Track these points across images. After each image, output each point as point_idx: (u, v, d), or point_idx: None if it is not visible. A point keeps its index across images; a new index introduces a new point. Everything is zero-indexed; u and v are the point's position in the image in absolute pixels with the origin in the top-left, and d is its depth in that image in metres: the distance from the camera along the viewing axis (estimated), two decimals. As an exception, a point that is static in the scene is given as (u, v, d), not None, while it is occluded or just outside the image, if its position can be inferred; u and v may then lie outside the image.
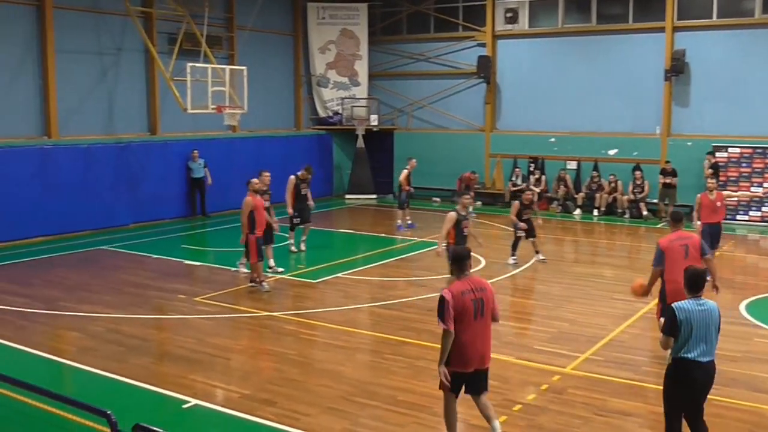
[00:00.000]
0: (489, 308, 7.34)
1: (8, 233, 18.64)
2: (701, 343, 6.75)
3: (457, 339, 7.19)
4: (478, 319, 7.25)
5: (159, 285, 14.82)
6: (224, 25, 25.09)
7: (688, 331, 6.73)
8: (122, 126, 22.17)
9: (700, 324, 6.75)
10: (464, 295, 7.18)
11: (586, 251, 19.10)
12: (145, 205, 21.96)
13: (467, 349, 7.24)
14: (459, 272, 7.40)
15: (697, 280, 6.93)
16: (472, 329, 7.21)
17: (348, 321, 12.47)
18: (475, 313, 7.21)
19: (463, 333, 7.18)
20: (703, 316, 6.78)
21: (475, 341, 7.26)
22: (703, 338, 6.75)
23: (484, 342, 7.36)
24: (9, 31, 19.28)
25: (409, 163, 21.72)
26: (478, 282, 7.40)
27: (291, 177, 17.72)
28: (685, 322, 6.73)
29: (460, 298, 7.15)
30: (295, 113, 28.73)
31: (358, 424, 8.30)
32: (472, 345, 7.25)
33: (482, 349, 7.35)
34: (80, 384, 9.90)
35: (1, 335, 11.51)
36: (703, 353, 6.75)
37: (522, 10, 26.10)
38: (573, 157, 25.19)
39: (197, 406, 8.86)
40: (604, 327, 11.97)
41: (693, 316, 6.74)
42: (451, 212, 13.13)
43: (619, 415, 8.54)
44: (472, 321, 7.20)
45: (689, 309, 6.79)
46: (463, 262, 7.41)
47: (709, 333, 6.78)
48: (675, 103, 23.72)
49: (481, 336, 7.31)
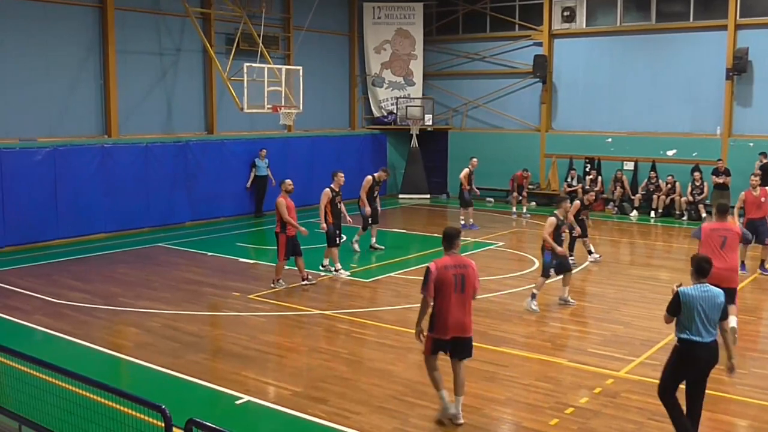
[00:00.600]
0: (470, 284, 8.15)
1: (70, 230, 19.13)
2: (704, 325, 7.34)
3: (439, 308, 8.10)
4: (458, 293, 8.06)
5: (214, 282, 15.02)
6: (281, 26, 25.33)
7: (691, 314, 7.34)
8: (180, 125, 22.53)
9: (703, 308, 7.33)
10: (447, 269, 8.05)
11: (642, 253, 18.79)
12: (202, 203, 22.29)
13: (446, 318, 8.07)
14: (448, 248, 8.27)
15: (702, 268, 7.50)
16: (452, 301, 8.05)
17: (399, 320, 12.48)
18: (456, 286, 8.04)
19: (443, 303, 8.06)
20: (707, 300, 7.35)
21: (454, 312, 8.08)
22: (705, 320, 7.33)
23: (463, 313, 8.14)
24: (71, 31, 19.75)
25: (470, 162, 21.69)
26: (463, 260, 8.26)
27: (368, 177, 17.91)
28: (686, 305, 7.36)
29: (443, 271, 8.05)
30: (349, 113, 28.85)
31: (408, 424, 8.30)
32: (451, 315, 8.07)
33: (461, 319, 8.13)
34: (136, 378, 10.09)
35: (63, 330, 11.81)
36: (706, 334, 7.36)
37: (579, 9, 25.80)
38: (630, 157, 24.82)
39: (250, 402, 8.96)
40: (659, 331, 11.73)
41: (696, 300, 7.34)
42: (551, 217, 13.11)
43: (673, 420, 8.39)
44: (453, 293, 8.04)
45: (692, 294, 7.39)
46: (452, 240, 8.28)
47: (712, 316, 7.36)
48: (736, 102, 23.20)
49: (460, 307, 8.11)
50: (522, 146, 26.82)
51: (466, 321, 8.20)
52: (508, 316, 12.62)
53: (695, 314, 7.33)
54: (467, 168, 21.43)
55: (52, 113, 19.53)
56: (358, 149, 27.69)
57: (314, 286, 14.53)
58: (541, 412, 8.60)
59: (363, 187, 17.76)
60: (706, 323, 7.35)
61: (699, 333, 7.36)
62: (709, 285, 7.49)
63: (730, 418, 8.51)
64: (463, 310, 8.14)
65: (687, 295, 7.40)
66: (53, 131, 19.46)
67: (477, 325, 11.83)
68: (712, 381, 9.55)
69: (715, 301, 7.39)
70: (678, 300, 7.43)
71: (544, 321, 12.65)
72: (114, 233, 19.97)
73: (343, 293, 14.32)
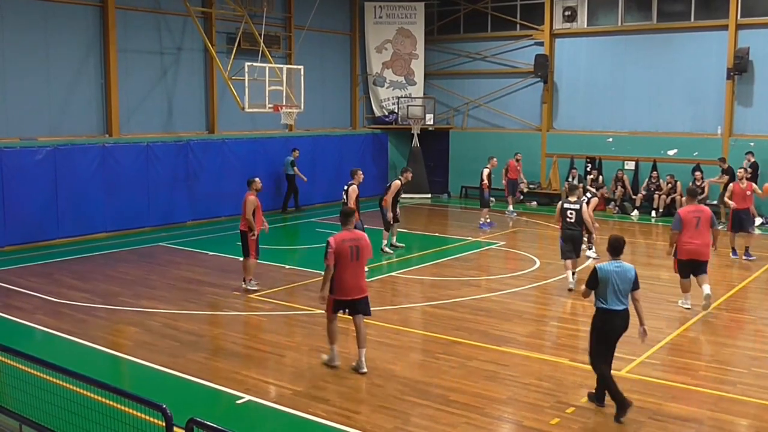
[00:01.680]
0: (363, 254, 9.76)
1: (71, 229, 19.13)
2: (617, 296, 8.39)
3: (338, 275, 9.62)
4: (354, 261, 9.65)
5: (214, 281, 15.03)
6: (282, 25, 25.32)
7: (606, 286, 8.37)
8: (181, 124, 22.53)
9: (616, 281, 8.37)
10: (344, 242, 9.62)
11: (643, 253, 18.77)
12: (203, 202, 22.28)
13: (345, 282, 9.66)
14: (344, 225, 9.88)
15: (616, 246, 8.62)
16: (349, 268, 9.62)
17: (400, 320, 12.48)
18: (351, 256, 9.62)
19: (342, 270, 9.60)
20: (620, 274, 8.40)
21: (351, 277, 9.68)
22: (618, 292, 8.39)
23: (358, 278, 9.79)
24: (72, 30, 19.74)
25: (489, 162, 21.72)
26: (357, 234, 9.83)
27: (396, 182, 18.22)
28: (603, 280, 8.39)
29: (341, 244, 9.58)
30: (351, 112, 28.85)
31: (409, 423, 8.30)
32: (349, 279, 9.67)
33: (357, 283, 9.78)
34: (137, 378, 10.09)
35: (63, 329, 11.81)
36: (619, 304, 8.41)
37: (581, 8, 25.78)
38: (631, 157, 24.81)
39: (250, 401, 8.96)
40: (660, 330, 11.75)
41: (611, 275, 8.39)
42: (560, 202, 14.82)
43: (674, 420, 8.38)
44: (349, 262, 9.61)
45: (608, 269, 8.45)
46: (347, 217, 9.90)
47: (624, 288, 8.40)
48: (737, 102, 23.18)
49: (356, 273, 9.74)
50: (523, 146, 26.75)
51: (361, 284, 9.84)
52: (509, 316, 12.61)
53: (610, 286, 8.36)
54: (487, 168, 21.41)
55: (53, 112, 19.53)
56: (360, 149, 27.70)
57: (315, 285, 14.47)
58: (542, 412, 8.60)
59: (390, 191, 17.97)
60: (619, 294, 8.39)
61: (613, 302, 8.38)
62: (621, 261, 8.55)
63: (731, 417, 8.50)
64: (358, 275, 9.79)
65: (603, 270, 8.44)
66: (54, 130, 19.46)
67: (478, 325, 11.90)
68: (711, 380, 9.62)
69: (627, 276, 8.43)
70: (596, 275, 8.45)
71: (545, 321, 12.65)
72: (114, 232, 19.97)
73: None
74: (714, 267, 16.81)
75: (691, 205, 12.95)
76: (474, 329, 11.70)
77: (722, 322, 12.53)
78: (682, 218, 12.57)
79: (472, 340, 11.17)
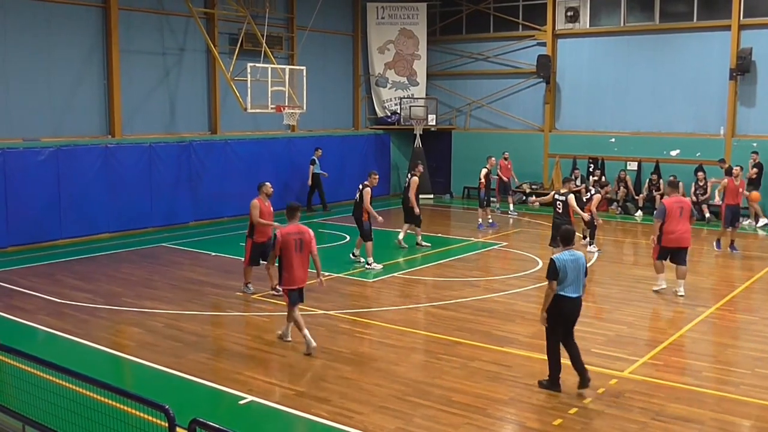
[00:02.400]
0: (306, 246, 10.63)
1: (74, 229, 19.15)
2: (572, 284, 8.93)
3: (286, 266, 10.58)
4: (299, 253, 10.56)
5: (217, 282, 15.03)
6: (284, 26, 25.33)
7: (564, 275, 8.88)
8: (184, 125, 22.55)
9: (572, 269, 8.89)
10: (290, 235, 10.52)
11: (645, 254, 18.73)
12: (206, 203, 22.29)
13: (293, 272, 10.60)
14: (289, 219, 10.78)
15: (567, 237, 9.22)
16: (294, 259, 10.54)
17: (403, 320, 12.48)
18: (296, 248, 10.53)
19: (288, 261, 10.55)
20: (574, 263, 8.94)
21: (297, 268, 10.60)
22: (574, 280, 8.93)
23: (304, 268, 10.72)
24: (75, 31, 19.76)
25: (488, 162, 21.76)
26: (300, 228, 10.69)
27: (414, 179, 18.45)
28: (562, 269, 8.86)
29: (286, 237, 10.50)
30: (353, 113, 28.86)
31: (411, 424, 8.29)
32: (295, 270, 10.60)
33: (303, 273, 10.72)
34: (139, 378, 10.11)
35: (65, 329, 11.82)
36: (574, 291, 8.95)
37: (583, 9, 25.78)
38: (634, 157, 24.80)
39: (253, 402, 8.96)
40: (663, 331, 11.76)
41: (567, 264, 8.90)
42: (552, 192, 16.32)
43: (677, 420, 8.37)
44: (294, 253, 10.52)
45: (564, 259, 8.95)
46: (293, 212, 10.82)
47: (578, 276, 8.96)
48: (740, 103, 23.16)
49: (301, 264, 10.66)
50: (525, 146, 26.81)
51: (305, 275, 10.79)
52: (511, 317, 12.61)
53: (570, 275, 8.89)
54: (485, 168, 21.46)
55: (56, 113, 19.55)
56: (362, 149, 27.71)
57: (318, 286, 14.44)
58: (545, 413, 8.60)
59: (412, 189, 18.29)
60: (575, 282, 8.94)
61: (570, 290, 8.92)
62: (574, 250, 9.12)
63: (734, 418, 8.49)
64: (303, 265, 10.69)
65: (560, 260, 8.94)
66: (57, 131, 19.48)
67: (480, 325, 11.90)
68: (714, 381, 9.62)
69: (579, 263, 8.98)
70: (554, 265, 8.92)
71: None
72: (117, 233, 19.98)
73: (346, 293, 14.31)
74: (716, 267, 16.85)
75: (673, 197, 13.85)
76: (476, 330, 11.70)
77: (725, 323, 12.53)
78: (667, 208, 13.47)
79: (475, 341, 11.16)
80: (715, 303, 13.40)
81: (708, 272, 16.49)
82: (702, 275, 15.99)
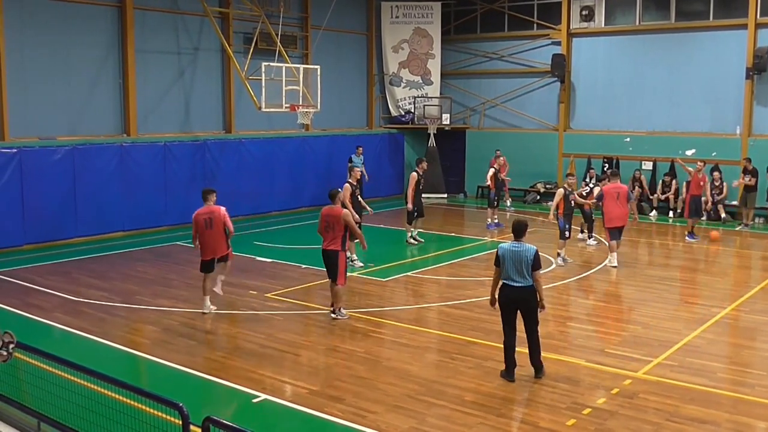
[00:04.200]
0: (217, 223, 12.47)
1: (89, 228, 19.25)
2: (514, 272, 9.45)
3: (200, 241, 12.59)
4: (209, 229, 12.48)
5: (231, 281, 15.00)
6: (299, 25, 25.37)
7: (505, 263, 9.49)
8: (198, 124, 22.62)
9: (512, 259, 9.44)
10: (201, 215, 12.52)
11: (660, 254, 18.68)
12: (220, 201, 22.17)
13: (204, 247, 12.59)
14: (204, 201, 12.63)
15: (519, 229, 9.71)
16: (204, 235, 12.53)
17: (416, 320, 12.49)
18: (206, 226, 12.47)
19: (202, 237, 12.55)
20: (514, 254, 9.46)
21: (209, 241, 12.53)
22: (515, 269, 9.44)
23: (214, 242, 12.55)
24: (91, 31, 19.85)
25: (495, 161, 21.82)
26: (212, 208, 12.61)
27: (413, 174, 18.55)
28: (501, 257, 9.54)
29: (198, 216, 12.54)
30: (367, 112, 28.86)
31: (424, 423, 8.30)
32: (207, 244, 12.56)
33: (213, 246, 12.57)
34: (154, 376, 10.16)
35: (81, 327, 11.90)
36: (515, 279, 9.45)
37: (598, 8, 25.66)
38: (649, 157, 24.68)
39: (266, 400, 8.99)
40: (678, 331, 11.70)
41: (507, 254, 9.50)
42: (560, 188, 16.85)
43: (692, 422, 8.33)
44: (205, 230, 12.49)
45: (506, 248, 9.57)
46: (206, 195, 12.73)
47: (519, 267, 9.41)
48: (757, 102, 23.00)
49: (212, 239, 12.52)
50: (540, 146, 26.74)
51: (216, 247, 12.57)
52: (525, 316, 12.56)
53: (508, 264, 9.46)
54: (493, 168, 21.44)
55: (72, 112, 19.65)
56: (376, 148, 27.68)
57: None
58: (558, 413, 8.57)
59: (410, 185, 18.44)
60: (515, 271, 9.43)
61: (511, 278, 9.45)
62: (522, 243, 9.59)
63: (749, 420, 8.44)
64: (213, 240, 12.50)
65: (502, 249, 9.61)
66: (73, 130, 19.59)
67: (494, 325, 11.83)
68: (729, 382, 9.57)
69: (521, 256, 9.43)
70: (497, 254, 9.61)
71: (562, 321, 12.61)
72: (132, 231, 20.08)
73: (359, 292, 14.31)
74: (733, 269, 16.78)
75: (613, 184, 16.48)
76: (490, 329, 11.67)
77: (740, 324, 12.46)
78: (605, 193, 16.28)
79: (489, 341, 11.14)
80: (731, 304, 13.33)
81: (723, 273, 16.42)
82: (717, 276, 15.92)
